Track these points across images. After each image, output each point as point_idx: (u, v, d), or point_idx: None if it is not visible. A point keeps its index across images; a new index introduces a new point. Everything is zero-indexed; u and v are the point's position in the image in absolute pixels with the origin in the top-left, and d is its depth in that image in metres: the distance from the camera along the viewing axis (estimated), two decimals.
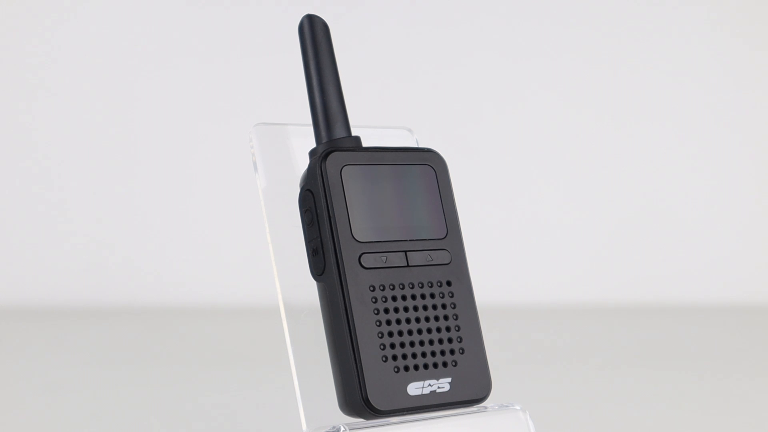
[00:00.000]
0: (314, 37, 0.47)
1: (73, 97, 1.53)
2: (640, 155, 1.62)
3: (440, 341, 0.45)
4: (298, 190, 0.46)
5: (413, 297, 0.45)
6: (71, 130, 1.53)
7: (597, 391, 0.84)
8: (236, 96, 1.54)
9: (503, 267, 1.55)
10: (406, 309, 0.45)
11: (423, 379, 0.44)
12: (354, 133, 0.47)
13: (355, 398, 0.43)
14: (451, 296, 0.46)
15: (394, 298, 0.45)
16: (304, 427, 0.45)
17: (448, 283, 0.46)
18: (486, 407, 0.46)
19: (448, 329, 0.45)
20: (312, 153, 0.47)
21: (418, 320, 0.45)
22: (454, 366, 0.45)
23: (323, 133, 0.46)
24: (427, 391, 0.44)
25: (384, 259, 0.45)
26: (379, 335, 0.44)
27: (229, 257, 1.52)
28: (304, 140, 0.48)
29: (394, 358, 0.44)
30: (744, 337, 1.24)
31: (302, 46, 0.47)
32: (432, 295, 0.45)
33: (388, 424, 0.43)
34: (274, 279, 0.47)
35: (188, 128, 1.55)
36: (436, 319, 0.45)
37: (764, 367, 1.00)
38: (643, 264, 1.59)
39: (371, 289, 0.44)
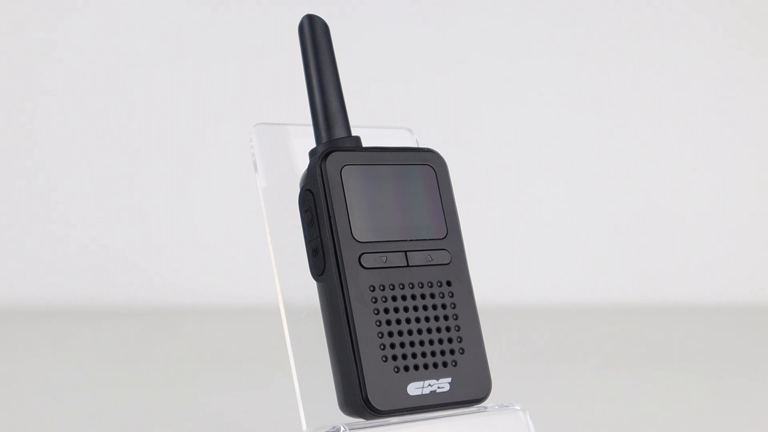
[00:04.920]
0: (314, 37, 0.47)
1: (73, 97, 1.53)
2: (640, 155, 1.62)
3: (440, 341, 0.45)
4: (298, 190, 0.46)
5: (413, 297, 0.45)
6: (71, 130, 1.53)
7: (597, 391, 0.84)
8: (236, 96, 1.54)
9: (503, 267, 1.55)
10: (406, 309, 0.45)
11: (423, 379, 0.44)
12: (354, 133, 0.47)
13: (355, 398, 0.43)
14: (451, 296, 0.46)
15: (394, 298, 0.44)
16: (304, 427, 0.45)
17: (448, 283, 0.46)
18: (486, 407, 0.46)
19: (448, 329, 0.45)
20: (312, 153, 0.47)
21: (418, 320, 0.45)
22: (454, 366, 0.45)
23: (323, 133, 0.46)
24: (427, 391, 0.44)
25: (384, 259, 0.45)
26: (379, 335, 0.44)
27: (229, 257, 1.52)
28: (304, 140, 0.48)
29: (394, 358, 0.44)
30: (744, 337, 1.24)
31: (302, 46, 0.47)
32: (432, 295, 0.45)
33: (388, 424, 0.43)
34: (274, 279, 0.47)
35: (188, 128, 1.55)
36: (436, 319, 0.45)
37: (764, 367, 1.00)
38: (643, 264, 1.59)
39: (371, 289, 0.44)
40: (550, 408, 0.74)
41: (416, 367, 0.44)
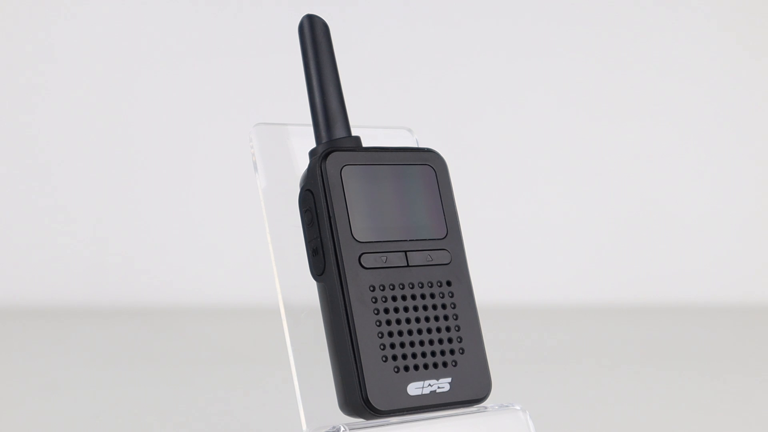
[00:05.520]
0: (314, 37, 0.47)
1: (73, 96, 1.53)
2: (640, 155, 1.62)
3: (440, 341, 0.45)
4: (298, 190, 0.46)
5: (413, 297, 0.45)
6: (71, 130, 1.53)
7: (597, 391, 0.84)
8: (236, 96, 1.54)
9: (503, 267, 1.55)
10: (406, 309, 0.45)
11: (423, 379, 0.44)
12: (354, 133, 0.47)
13: (355, 398, 0.43)
14: (451, 296, 0.46)
15: (394, 298, 0.44)
16: (304, 427, 0.45)
17: (448, 283, 0.46)
18: (486, 407, 0.46)
19: (448, 329, 0.45)
20: (312, 153, 0.47)
21: (418, 320, 0.45)
22: (454, 366, 0.45)
23: (323, 133, 0.46)
24: (427, 391, 0.44)
25: (384, 259, 0.45)
26: (379, 335, 0.44)
27: (229, 257, 1.52)
28: (304, 140, 0.48)
29: (394, 358, 0.44)
30: (744, 337, 1.24)
31: (302, 46, 0.47)
32: (432, 295, 0.45)
33: (388, 424, 0.43)
34: (274, 279, 0.47)
35: (188, 128, 1.55)
36: (436, 319, 0.45)
37: (764, 367, 1.00)
38: (643, 264, 1.59)
39: (371, 289, 0.44)
40: (550, 408, 0.74)
41: (416, 367, 0.44)
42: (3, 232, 1.51)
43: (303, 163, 0.47)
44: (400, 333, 0.44)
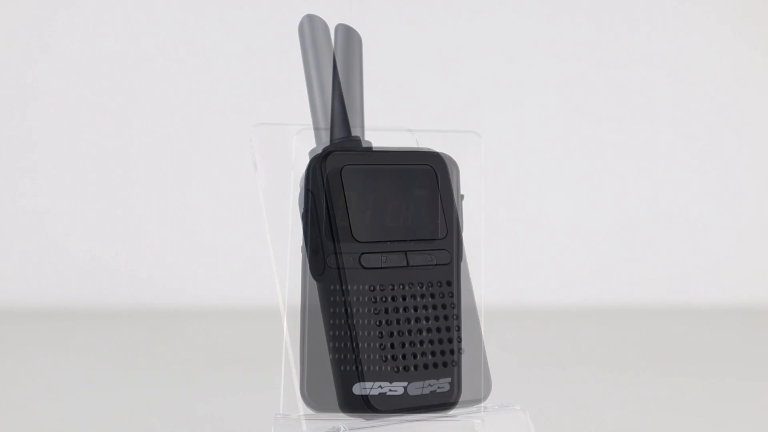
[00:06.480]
0: (314, 37, 0.47)
1: (72, 97, 1.53)
2: (641, 157, 1.62)
3: (440, 341, 0.45)
4: (298, 190, 0.46)
5: (413, 297, 0.45)
6: (70, 131, 1.53)
7: (597, 392, 0.84)
8: (236, 96, 1.54)
9: (504, 267, 1.55)
10: (406, 309, 0.45)
11: (423, 379, 0.44)
12: (354, 133, 0.47)
13: (356, 398, 0.43)
14: (451, 296, 0.46)
15: (394, 299, 0.44)
16: (304, 427, 0.45)
17: (448, 284, 0.46)
18: (486, 407, 0.46)
19: (448, 329, 0.45)
20: (312, 153, 0.47)
21: (418, 320, 0.45)
22: (455, 366, 0.45)
23: (323, 134, 0.46)
24: (427, 391, 0.44)
25: (384, 259, 0.45)
26: (379, 335, 0.44)
27: (229, 258, 1.52)
28: (304, 140, 0.48)
29: (394, 358, 0.44)
30: (746, 338, 1.24)
31: (302, 47, 0.47)
32: (432, 296, 0.45)
33: (388, 424, 0.43)
34: (274, 279, 0.47)
35: (188, 128, 1.55)
36: (437, 319, 0.45)
37: (765, 368, 1.00)
38: (644, 266, 1.59)
39: (371, 289, 0.44)
40: (550, 408, 0.74)
41: (416, 367, 0.44)
42: (3, 232, 1.51)
43: (303, 163, 0.47)
44: (400, 333, 0.44)
